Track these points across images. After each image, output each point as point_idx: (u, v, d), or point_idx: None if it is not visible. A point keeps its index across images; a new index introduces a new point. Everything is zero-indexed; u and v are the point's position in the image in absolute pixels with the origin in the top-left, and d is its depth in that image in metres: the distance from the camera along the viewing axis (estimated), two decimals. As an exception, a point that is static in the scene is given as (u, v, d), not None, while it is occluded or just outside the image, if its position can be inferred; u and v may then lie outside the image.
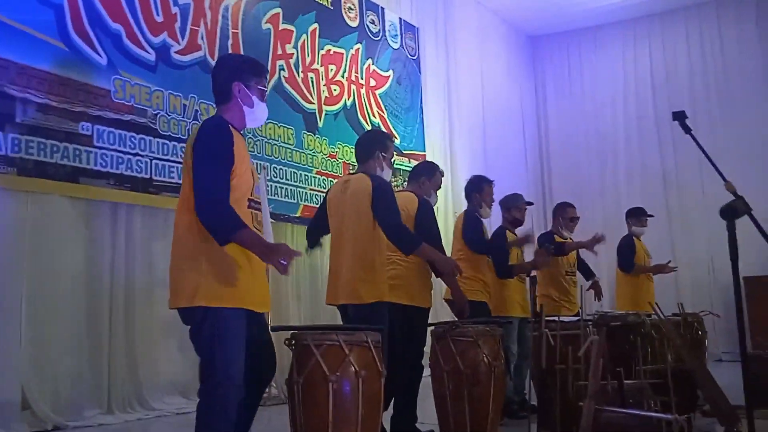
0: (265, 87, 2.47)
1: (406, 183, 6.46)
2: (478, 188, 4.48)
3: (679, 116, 2.54)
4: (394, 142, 3.45)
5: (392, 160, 3.44)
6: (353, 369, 2.36)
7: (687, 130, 2.55)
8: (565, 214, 5.28)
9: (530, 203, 4.95)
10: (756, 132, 8.49)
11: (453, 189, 7.64)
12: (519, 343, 4.45)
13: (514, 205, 4.78)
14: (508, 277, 4.51)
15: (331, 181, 6.25)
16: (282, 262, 2.12)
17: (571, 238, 5.26)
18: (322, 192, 6.14)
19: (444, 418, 3.15)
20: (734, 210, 2.30)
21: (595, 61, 9.99)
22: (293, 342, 2.47)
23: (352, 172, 4.75)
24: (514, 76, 9.82)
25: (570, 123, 9.99)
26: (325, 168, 6.21)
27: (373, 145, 3.34)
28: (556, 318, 3.93)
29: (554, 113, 10.22)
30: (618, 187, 9.51)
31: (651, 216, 6.22)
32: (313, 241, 3.61)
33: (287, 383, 2.44)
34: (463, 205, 4.65)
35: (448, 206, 7.49)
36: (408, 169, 7.32)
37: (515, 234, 4.75)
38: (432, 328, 3.30)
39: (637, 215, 6.12)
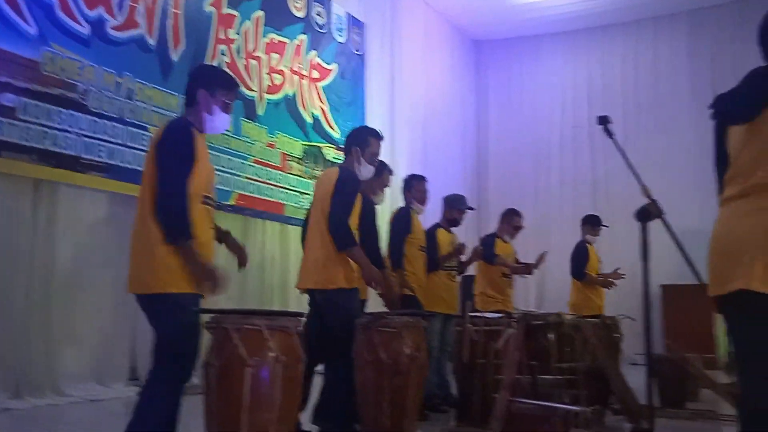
0: (230, 100, 2.58)
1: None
2: (408, 186, 4.63)
3: (603, 120, 2.64)
4: (379, 138, 3.50)
5: (375, 158, 3.46)
6: (273, 354, 2.35)
7: (609, 134, 2.65)
8: (512, 221, 5.50)
9: (472, 208, 5.08)
10: (682, 144, 8.87)
11: (392, 187, 7.68)
12: (441, 339, 4.53)
13: (456, 207, 4.89)
14: (435, 269, 4.60)
15: (267, 170, 6.19)
16: (211, 285, 2.34)
17: (510, 245, 5.49)
18: (259, 181, 6.07)
19: (364, 407, 3.17)
20: (648, 212, 2.43)
21: (536, 69, 10.24)
22: (213, 325, 2.43)
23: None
24: (457, 78, 9.96)
25: (509, 127, 10.21)
26: (263, 157, 6.14)
27: (351, 140, 3.45)
28: (480, 314, 4.03)
29: (494, 117, 10.43)
30: (551, 192, 9.79)
31: (606, 226, 6.31)
32: None
33: (203, 368, 2.41)
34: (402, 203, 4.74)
35: (387, 204, 7.53)
36: (347, 163, 7.31)
37: (450, 232, 4.86)
38: (357, 318, 3.31)
39: (592, 223, 6.20)
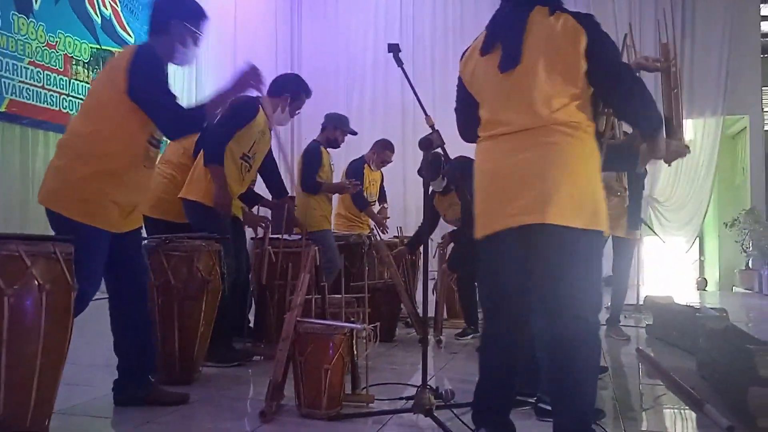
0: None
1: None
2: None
3: (393, 48, 2.66)
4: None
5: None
6: (36, 282, 2.14)
7: (399, 63, 2.68)
8: (384, 155, 5.56)
9: (355, 132, 4.97)
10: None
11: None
12: None
13: (341, 127, 4.81)
14: (314, 193, 4.60)
15: (47, 74, 5.49)
16: None
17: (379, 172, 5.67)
18: (36, 86, 5.37)
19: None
20: (430, 142, 2.54)
21: (353, -14, 10.10)
22: (-38, 252, 2.14)
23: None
24: (270, -11, 9.52)
25: (323, 46, 10.06)
26: (41, 59, 5.42)
27: (170, 12, 2.54)
28: (279, 236, 4.05)
29: (308, 34, 10.19)
30: (362, 114, 9.93)
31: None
32: None
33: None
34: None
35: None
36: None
37: (328, 152, 4.81)
38: (144, 242, 3.14)
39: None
